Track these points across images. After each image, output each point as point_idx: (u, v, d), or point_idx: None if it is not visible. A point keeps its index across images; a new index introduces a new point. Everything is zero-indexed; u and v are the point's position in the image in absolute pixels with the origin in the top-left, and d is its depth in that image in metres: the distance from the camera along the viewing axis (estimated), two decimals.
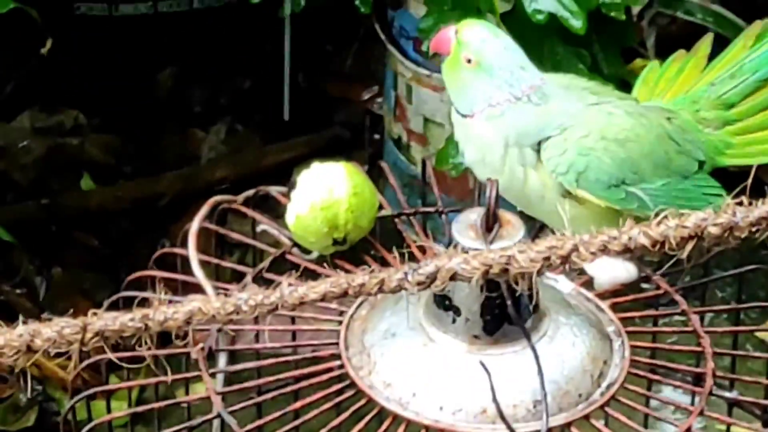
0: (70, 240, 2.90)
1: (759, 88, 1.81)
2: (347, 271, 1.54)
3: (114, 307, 1.42)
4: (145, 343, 1.40)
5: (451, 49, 1.67)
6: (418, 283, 1.20)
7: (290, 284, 1.19)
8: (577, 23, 2.34)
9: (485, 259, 1.19)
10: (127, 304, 1.39)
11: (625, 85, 2.31)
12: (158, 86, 3.14)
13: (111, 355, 1.43)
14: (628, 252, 1.22)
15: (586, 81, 1.84)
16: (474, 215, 1.57)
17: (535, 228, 1.80)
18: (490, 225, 1.55)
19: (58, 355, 1.31)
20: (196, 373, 1.62)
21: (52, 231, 2.92)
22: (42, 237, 2.88)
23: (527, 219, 1.70)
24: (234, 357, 1.71)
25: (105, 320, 1.20)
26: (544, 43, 2.41)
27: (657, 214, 1.27)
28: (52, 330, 1.18)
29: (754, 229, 1.17)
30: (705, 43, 1.90)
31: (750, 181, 1.34)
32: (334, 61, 3.23)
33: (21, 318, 1.33)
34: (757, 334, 1.86)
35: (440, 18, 2.43)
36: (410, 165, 2.81)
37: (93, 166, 3.04)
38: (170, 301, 1.24)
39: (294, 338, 1.73)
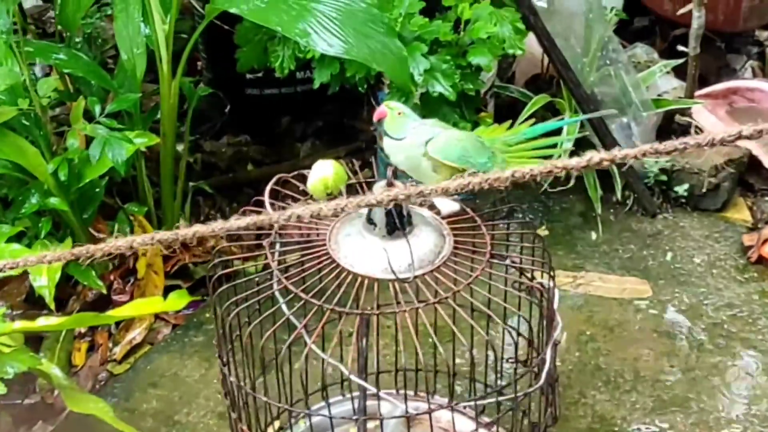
0: (242, 192, 3.04)
1: (521, 143, 2.01)
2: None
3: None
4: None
5: (387, 114, 1.85)
6: (334, 213, 1.19)
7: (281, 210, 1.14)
8: (452, 96, 2.55)
9: (358, 200, 1.18)
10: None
11: (476, 125, 2.60)
12: (281, 125, 3.30)
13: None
14: (435, 196, 1.18)
15: (445, 124, 2.02)
16: (384, 181, 1.79)
17: None
18: (390, 185, 1.76)
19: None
20: (263, 253, 1.84)
21: (234, 188, 3.06)
22: (230, 191, 3.06)
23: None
24: (283, 245, 1.86)
25: (198, 227, 1.19)
26: (439, 106, 2.59)
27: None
28: (178, 233, 1.18)
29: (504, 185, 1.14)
30: (507, 122, 2.09)
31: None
32: (359, 115, 3.27)
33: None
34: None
35: (392, 96, 2.57)
36: (387, 159, 2.59)
37: (253, 160, 3.22)
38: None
39: (309, 234, 1.85)
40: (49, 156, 2.54)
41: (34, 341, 2.52)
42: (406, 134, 1.88)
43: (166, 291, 2.62)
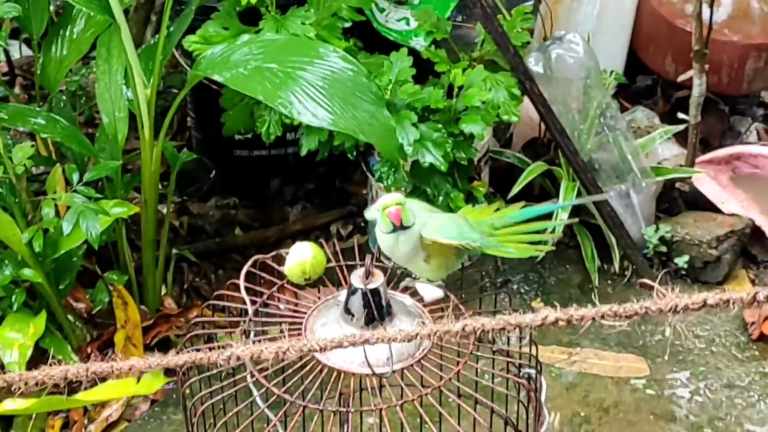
0: (229, 258, 3.01)
1: (507, 225, 1.94)
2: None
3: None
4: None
5: (402, 216, 1.78)
6: (276, 357, 1.20)
7: (246, 345, 1.18)
8: (443, 166, 2.49)
9: (301, 344, 1.22)
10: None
11: (468, 194, 2.58)
12: (270, 187, 3.21)
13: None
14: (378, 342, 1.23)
15: (428, 205, 2.00)
16: (362, 270, 1.77)
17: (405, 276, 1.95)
18: (368, 274, 1.76)
19: None
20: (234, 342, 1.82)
21: (220, 254, 3.02)
22: (216, 256, 3.01)
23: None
24: (258, 333, 1.86)
25: (134, 361, 1.22)
26: (430, 175, 2.55)
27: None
28: (113, 366, 1.21)
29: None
30: (497, 203, 2.12)
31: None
32: (351, 177, 3.19)
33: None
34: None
35: (383, 165, 2.59)
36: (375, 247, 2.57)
37: (241, 224, 3.14)
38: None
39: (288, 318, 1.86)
40: (24, 225, 2.46)
41: (7, 417, 2.43)
42: (415, 218, 1.83)
43: None
